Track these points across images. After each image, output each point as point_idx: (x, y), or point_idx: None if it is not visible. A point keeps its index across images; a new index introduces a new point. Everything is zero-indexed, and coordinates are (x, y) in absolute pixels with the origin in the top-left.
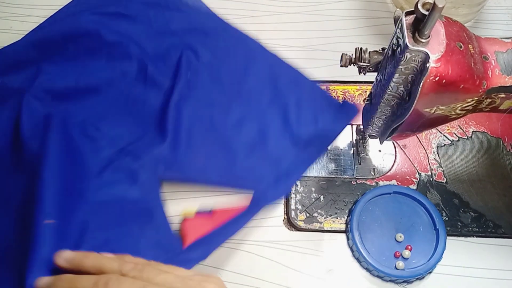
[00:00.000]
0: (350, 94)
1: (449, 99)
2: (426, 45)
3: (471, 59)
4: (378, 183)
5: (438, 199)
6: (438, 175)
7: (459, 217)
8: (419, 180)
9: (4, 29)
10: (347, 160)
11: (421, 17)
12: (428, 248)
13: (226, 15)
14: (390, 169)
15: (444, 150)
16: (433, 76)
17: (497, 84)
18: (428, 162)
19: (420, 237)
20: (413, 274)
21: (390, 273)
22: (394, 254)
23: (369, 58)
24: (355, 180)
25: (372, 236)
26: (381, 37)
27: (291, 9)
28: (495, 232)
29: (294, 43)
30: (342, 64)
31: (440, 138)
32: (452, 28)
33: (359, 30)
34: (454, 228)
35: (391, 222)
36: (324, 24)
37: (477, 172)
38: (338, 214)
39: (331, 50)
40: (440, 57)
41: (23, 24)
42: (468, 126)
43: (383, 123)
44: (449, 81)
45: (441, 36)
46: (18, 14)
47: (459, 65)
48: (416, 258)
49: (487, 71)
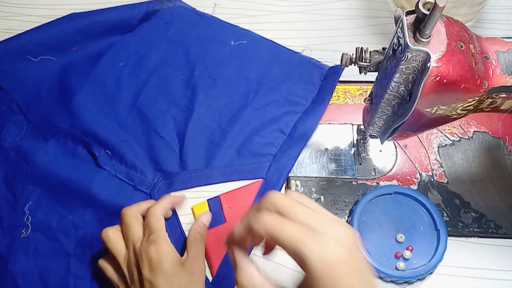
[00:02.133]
0: (350, 94)
1: (450, 99)
2: (427, 44)
3: (472, 58)
4: (379, 183)
5: (439, 199)
6: (439, 175)
7: (460, 217)
8: (420, 180)
9: (4, 29)
10: (348, 160)
11: (422, 16)
12: (429, 248)
13: (226, 15)
14: (390, 169)
15: (445, 150)
16: (434, 76)
17: (498, 84)
18: (429, 162)
19: (421, 238)
20: (414, 275)
21: (391, 274)
22: (395, 255)
23: (369, 58)
24: (355, 181)
25: (373, 236)
26: (382, 36)
27: (291, 9)
28: (496, 233)
29: (294, 43)
30: (343, 63)
31: (441, 138)
32: (453, 27)
33: (360, 29)
34: (455, 228)
35: (391, 223)
36: (324, 24)
37: (478, 172)
38: (339, 214)
39: (332, 50)
40: (441, 56)
41: (23, 24)
42: (469, 126)
43: (383, 123)
44: (450, 81)
45: (442, 36)
46: (18, 14)
47: (460, 65)
48: (417, 259)
49: (488, 71)
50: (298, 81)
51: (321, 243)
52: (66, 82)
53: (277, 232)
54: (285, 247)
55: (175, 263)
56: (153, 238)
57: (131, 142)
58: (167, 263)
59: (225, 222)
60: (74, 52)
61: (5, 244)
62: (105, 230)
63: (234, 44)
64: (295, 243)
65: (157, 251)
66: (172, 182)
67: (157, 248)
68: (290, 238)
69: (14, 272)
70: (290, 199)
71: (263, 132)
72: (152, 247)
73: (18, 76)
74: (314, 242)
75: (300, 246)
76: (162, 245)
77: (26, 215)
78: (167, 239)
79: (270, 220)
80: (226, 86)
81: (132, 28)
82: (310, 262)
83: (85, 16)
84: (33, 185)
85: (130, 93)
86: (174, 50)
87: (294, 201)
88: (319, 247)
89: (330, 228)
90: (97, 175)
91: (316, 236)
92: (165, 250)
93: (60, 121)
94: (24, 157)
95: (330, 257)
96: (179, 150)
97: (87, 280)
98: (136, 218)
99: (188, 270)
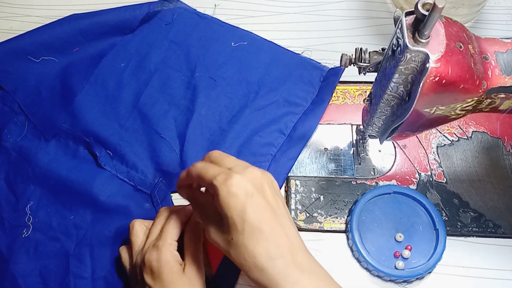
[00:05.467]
0: (350, 94)
1: (449, 99)
2: (426, 45)
3: (471, 59)
4: (378, 183)
5: (438, 199)
6: (438, 175)
7: (459, 217)
8: (419, 180)
9: (4, 29)
10: (347, 160)
11: (421, 17)
12: (428, 248)
13: (227, 16)
14: (390, 169)
15: (444, 150)
16: (433, 77)
17: (497, 84)
18: (428, 162)
19: (420, 237)
20: (413, 274)
21: (390, 273)
22: (394, 254)
23: (369, 58)
24: (355, 180)
25: (372, 236)
26: (381, 37)
27: (291, 9)
28: (495, 232)
29: (294, 43)
30: (342, 64)
31: (440, 138)
32: (452, 28)
33: (359, 30)
34: (454, 228)
35: (391, 222)
36: (324, 24)
37: (477, 172)
38: (338, 214)
39: (331, 50)
40: (440, 57)
41: (23, 24)
42: (468, 126)
43: (383, 123)
44: (449, 81)
45: (441, 37)
46: (18, 14)
47: (459, 65)
48: (416, 258)
49: (487, 71)
50: (298, 82)
51: (231, 178)
52: (67, 83)
53: (201, 172)
54: (206, 184)
55: (174, 272)
56: (157, 244)
57: (132, 143)
58: (166, 272)
59: None
60: (75, 53)
61: (6, 244)
62: (133, 221)
63: (235, 45)
64: (210, 179)
65: (157, 260)
66: (172, 182)
67: (158, 256)
68: (209, 175)
69: (15, 272)
70: (222, 153)
71: (263, 133)
72: (154, 254)
73: (19, 77)
74: (225, 177)
75: (213, 181)
76: (163, 254)
77: (27, 215)
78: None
79: (200, 165)
80: (227, 87)
81: (133, 29)
82: (218, 192)
83: (86, 17)
84: (34, 185)
85: (131, 94)
86: (175, 51)
87: (225, 154)
88: (228, 181)
89: (243, 170)
90: (98, 175)
91: (229, 174)
92: (165, 259)
93: (61, 121)
94: (25, 157)
95: (235, 189)
96: (179, 150)
97: (87, 280)
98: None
99: (187, 277)
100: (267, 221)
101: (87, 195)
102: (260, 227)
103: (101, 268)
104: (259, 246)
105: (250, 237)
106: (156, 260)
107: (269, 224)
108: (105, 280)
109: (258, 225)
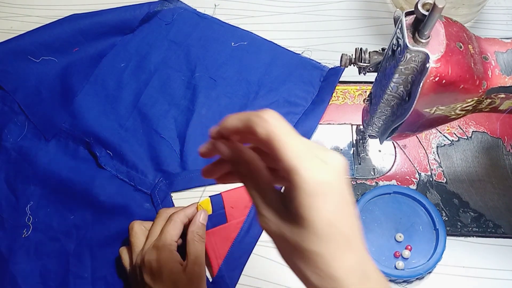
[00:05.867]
0: (350, 94)
1: (449, 99)
2: (426, 45)
3: (471, 59)
4: (378, 183)
5: (438, 199)
6: (438, 175)
7: (459, 217)
8: (419, 180)
9: (5, 29)
10: (347, 160)
11: (421, 17)
12: (428, 248)
13: (226, 15)
14: (390, 169)
15: (444, 150)
16: (433, 77)
17: (497, 84)
18: (428, 162)
19: (420, 237)
20: (413, 274)
21: (390, 273)
22: (394, 254)
23: (369, 58)
24: (355, 180)
25: (372, 236)
26: (381, 37)
27: (291, 9)
28: (495, 232)
29: (294, 43)
30: (342, 64)
31: (440, 138)
32: (452, 28)
33: (359, 30)
34: (454, 228)
35: (391, 222)
36: (324, 24)
37: (477, 172)
38: None
39: (331, 50)
40: (440, 57)
41: (23, 24)
42: (468, 126)
43: (383, 123)
44: (449, 81)
45: (441, 37)
46: (18, 14)
47: (459, 65)
48: (416, 258)
49: (487, 71)
50: (298, 82)
51: (317, 164)
52: (67, 83)
53: (281, 139)
54: (281, 159)
55: (174, 272)
56: (157, 244)
57: (132, 143)
58: (165, 272)
59: (227, 223)
60: (75, 53)
61: (6, 244)
62: (133, 222)
63: (235, 45)
64: (295, 157)
65: (157, 260)
66: (172, 182)
67: (157, 256)
68: (292, 150)
69: (15, 272)
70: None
71: None
72: (154, 254)
73: (19, 77)
74: (311, 160)
75: (298, 161)
76: (163, 254)
77: (27, 215)
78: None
79: (279, 124)
80: (227, 87)
81: (133, 29)
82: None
83: (86, 17)
84: (34, 186)
85: (131, 94)
86: (175, 51)
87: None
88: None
89: (325, 154)
90: (98, 175)
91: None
92: (165, 259)
93: (61, 121)
94: (25, 157)
95: (322, 177)
96: (179, 150)
97: (87, 280)
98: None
99: (187, 277)
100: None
101: (87, 195)
102: (349, 238)
103: (101, 268)
104: (343, 257)
105: (335, 248)
106: (156, 261)
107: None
108: (105, 280)
109: (348, 237)
